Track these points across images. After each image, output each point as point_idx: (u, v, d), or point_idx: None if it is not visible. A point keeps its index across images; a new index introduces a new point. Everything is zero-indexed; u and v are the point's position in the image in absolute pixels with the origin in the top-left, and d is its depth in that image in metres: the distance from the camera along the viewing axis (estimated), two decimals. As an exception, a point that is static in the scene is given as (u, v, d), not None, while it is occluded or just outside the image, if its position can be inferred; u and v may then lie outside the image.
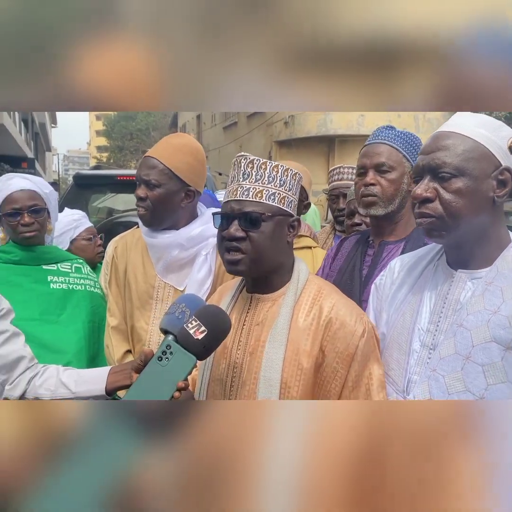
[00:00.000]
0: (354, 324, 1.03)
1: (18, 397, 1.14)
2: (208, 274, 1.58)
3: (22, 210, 1.73)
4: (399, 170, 1.42)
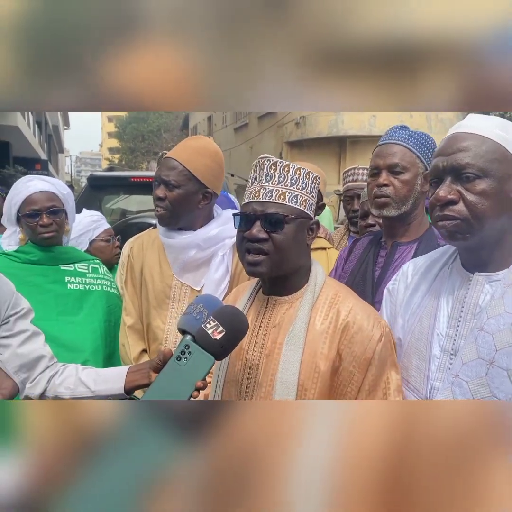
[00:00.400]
0: (372, 329, 1.02)
1: (39, 395, 1.16)
2: (225, 274, 1.60)
3: (41, 211, 1.76)
4: (412, 171, 1.41)
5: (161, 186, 1.58)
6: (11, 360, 1.12)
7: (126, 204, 5.07)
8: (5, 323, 1.14)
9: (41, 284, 1.76)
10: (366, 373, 1.01)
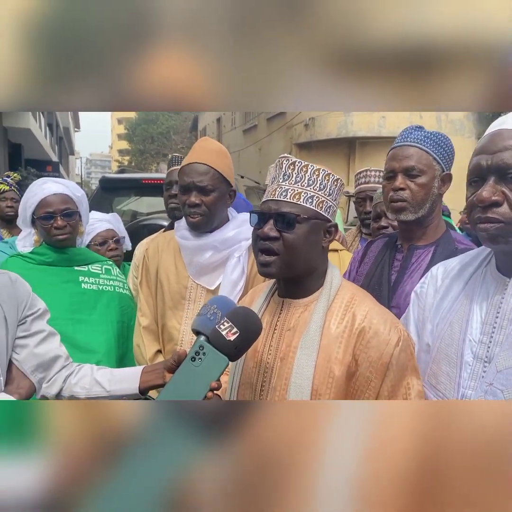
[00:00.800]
0: (388, 333, 1.00)
1: (55, 395, 1.17)
2: (241, 275, 1.62)
3: (56, 214, 1.78)
4: (429, 173, 1.38)
5: (194, 192, 1.59)
6: (28, 360, 1.13)
7: (137, 206, 5.11)
8: (22, 323, 1.15)
9: (56, 283, 1.78)
10: (383, 379, 0.99)
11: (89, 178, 55.97)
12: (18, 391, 1.09)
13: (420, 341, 1.11)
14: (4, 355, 1.10)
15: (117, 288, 1.95)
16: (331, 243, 1.11)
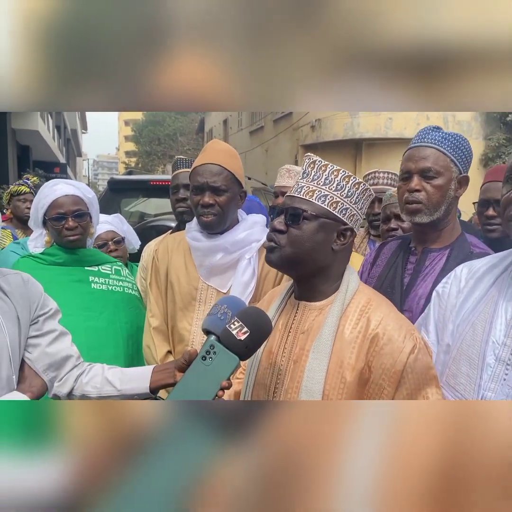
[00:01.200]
0: (403, 340, 0.97)
1: (66, 394, 1.18)
2: (252, 277, 1.63)
3: (67, 215, 1.80)
4: (446, 175, 1.35)
5: (208, 193, 1.60)
6: (40, 359, 1.15)
7: (145, 207, 5.14)
8: (34, 323, 1.17)
9: (66, 283, 1.80)
10: (397, 388, 0.96)
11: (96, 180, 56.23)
12: (30, 389, 1.10)
13: (440, 341, 1.10)
14: (17, 354, 1.11)
15: (126, 289, 1.96)
16: (344, 246, 1.07)
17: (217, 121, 24.20)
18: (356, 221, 1.08)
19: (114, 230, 2.34)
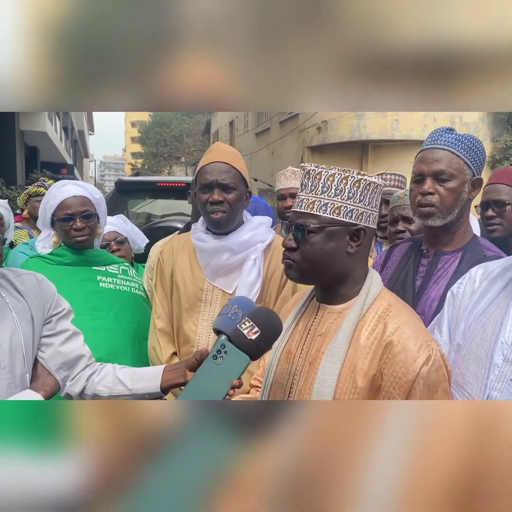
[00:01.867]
0: (418, 350, 0.95)
1: (78, 393, 1.19)
2: (258, 277, 1.64)
3: (75, 216, 1.81)
4: (459, 178, 1.33)
5: (217, 190, 1.61)
6: (53, 358, 1.16)
7: (152, 208, 5.16)
8: (47, 322, 1.18)
9: (74, 282, 1.82)
10: (407, 398, 0.94)
11: (103, 181, 56.51)
12: (43, 388, 1.12)
13: (452, 340, 1.11)
14: (31, 353, 1.13)
15: (133, 289, 1.98)
16: (360, 247, 1.06)
17: (223, 123, 24.25)
18: (367, 217, 1.05)
19: (116, 230, 2.36)
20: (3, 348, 1.06)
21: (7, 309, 1.10)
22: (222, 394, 0.96)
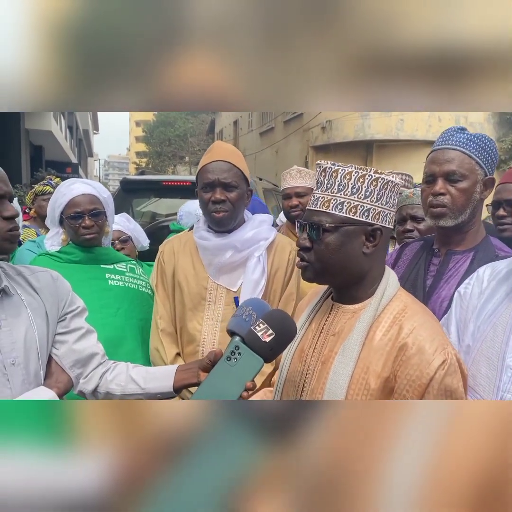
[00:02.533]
0: (433, 353, 0.93)
1: (91, 390, 1.20)
2: (262, 274, 1.64)
3: (84, 214, 1.82)
4: (471, 178, 1.32)
5: (219, 189, 1.61)
6: (67, 356, 1.17)
7: (156, 207, 5.17)
8: (62, 320, 1.19)
9: (83, 279, 1.82)
10: None
11: (107, 180, 56.61)
12: (57, 385, 1.12)
13: (461, 341, 1.10)
14: (45, 350, 1.13)
15: (140, 287, 1.98)
16: (377, 247, 1.03)
17: (228, 122, 24.26)
18: (384, 217, 1.03)
19: (120, 229, 2.37)
20: (18, 345, 1.07)
21: (22, 306, 1.11)
22: (236, 396, 0.95)
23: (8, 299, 1.09)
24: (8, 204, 1.06)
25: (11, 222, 1.06)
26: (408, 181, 2.33)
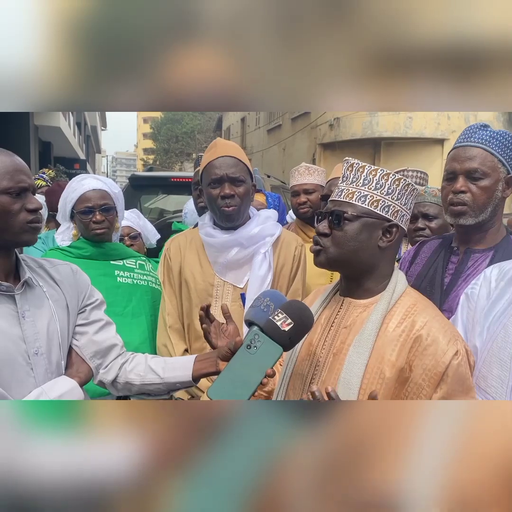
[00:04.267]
0: (447, 343, 0.98)
1: (111, 381, 1.22)
2: (269, 270, 1.64)
3: (95, 209, 1.84)
4: (493, 176, 1.31)
5: (227, 184, 1.61)
6: (87, 347, 1.19)
7: (164, 203, 5.18)
8: (81, 312, 1.22)
9: (93, 276, 1.81)
10: (436, 389, 0.97)
11: (115, 176, 56.81)
12: (78, 374, 1.15)
13: (468, 342, 1.09)
14: (66, 340, 1.16)
15: (150, 283, 1.99)
16: (391, 243, 1.08)
17: (235, 119, 24.24)
18: (401, 216, 1.08)
19: (130, 225, 2.37)
20: (41, 335, 1.09)
21: (45, 297, 1.13)
22: (257, 382, 0.98)
23: (31, 291, 1.11)
24: (31, 197, 1.09)
25: (33, 213, 1.07)
26: (423, 178, 2.31)
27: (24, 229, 1.06)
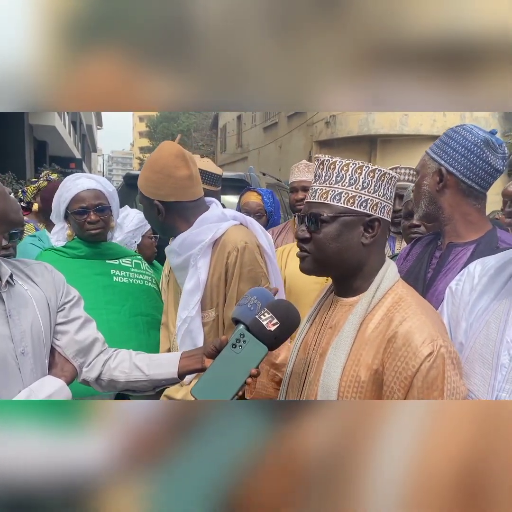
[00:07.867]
0: (421, 345, 0.91)
1: (95, 378, 1.21)
2: (196, 285, 1.52)
3: (89, 209, 1.82)
4: (421, 173, 1.43)
5: None
6: (69, 346, 1.18)
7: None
8: (61, 310, 1.20)
9: (89, 275, 1.83)
10: (406, 394, 0.91)
11: (111, 175, 56.65)
12: (63, 374, 1.14)
13: (454, 339, 1.08)
14: (49, 340, 1.15)
15: (146, 282, 1.99)
16: (375, 238, 1.03)
17: (231, 117, 24.19)
18: (382, 208, 1.03)
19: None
20: (27, 334, 1.08)
21: (27, 296, 1.12)
22: (241, 382, 0.98)
23: (13, 289, 1.10)
24: None
25: None
26: (416, 175, 2.31)
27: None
